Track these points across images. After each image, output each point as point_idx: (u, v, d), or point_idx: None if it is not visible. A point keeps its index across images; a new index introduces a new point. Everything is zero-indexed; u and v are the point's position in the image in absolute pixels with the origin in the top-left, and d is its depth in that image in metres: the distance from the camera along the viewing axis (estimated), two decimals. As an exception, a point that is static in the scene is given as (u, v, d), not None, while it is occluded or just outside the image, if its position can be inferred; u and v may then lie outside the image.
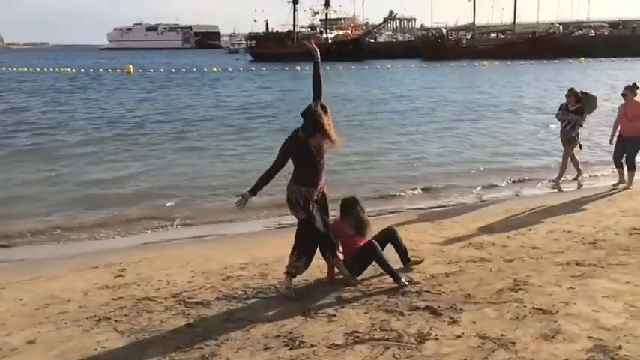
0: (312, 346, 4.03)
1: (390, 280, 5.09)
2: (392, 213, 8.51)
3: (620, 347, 3.79)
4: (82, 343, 4.22)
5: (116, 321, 4.59)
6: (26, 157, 12.52)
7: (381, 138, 15.18)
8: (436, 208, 8.72)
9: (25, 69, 46.31)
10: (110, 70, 45.10)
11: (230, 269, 5.81)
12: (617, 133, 9.10)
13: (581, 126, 9.51)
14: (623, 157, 9.00)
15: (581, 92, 9.50)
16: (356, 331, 4.22)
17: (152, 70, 44.92)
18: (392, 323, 4.31)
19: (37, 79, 35.03)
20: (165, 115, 19.76)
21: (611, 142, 9.25)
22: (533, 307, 4.51)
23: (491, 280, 5.15)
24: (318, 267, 5.73)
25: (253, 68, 49.07)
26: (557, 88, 25.91)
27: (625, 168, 9.05)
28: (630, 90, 8.84)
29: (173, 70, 45.38)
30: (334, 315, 4.54)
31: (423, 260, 5.62)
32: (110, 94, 25.56)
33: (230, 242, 7.06)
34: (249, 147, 14.03)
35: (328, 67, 48.76)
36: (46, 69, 45.62)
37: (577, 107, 9.35)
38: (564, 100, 9.61)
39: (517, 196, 9.55)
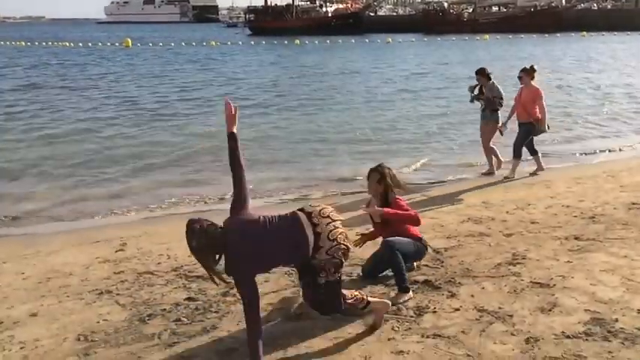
0: (314, 319, 4.07)
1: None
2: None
3: (616, 320, 3.83)
4: (84, 315, 4.26)
5: (118, 294, 4.63)
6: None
7: (389, 111, 15.08)
8: (436, 183, 8.72)
9: (23, 43, 45.88)
10: (109, 44, 44.64)
11: (230, 244, 5.82)
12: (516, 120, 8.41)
13: (497, 109, 8.46)
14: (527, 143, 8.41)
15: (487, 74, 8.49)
16: (353, 305, 4.25)
17: (151, 45, 44.49)
18: (391, 297, 4.35)
19: (35, 54, 34.69)
20: (184, 92, 19.19)
21: (504, 127, 8.45)
22: (530, 281, 4.54)
23: (489, 255, 5.19)
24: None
25: (253, 42, 48.56)
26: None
27: (531, 156, 8.58)
28: (526, 73, 8.21)
29: (172, 44, 44.90)
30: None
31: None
32: (120, 69, 25.10)
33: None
34: (267, 123, 13.82)
35: (328, 41, 48.33)
36: (44, 43, 45.18)
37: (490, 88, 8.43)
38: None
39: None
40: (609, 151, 10.69)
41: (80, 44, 44.55)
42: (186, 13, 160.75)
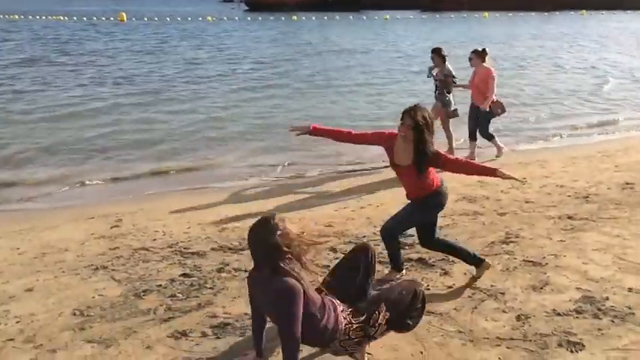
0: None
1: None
2: (387, 166, 8.50)
3: (607, 299, 3.88)
4: (79, 290, 4.29)
5: (113, 270, 4.65)
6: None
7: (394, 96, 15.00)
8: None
9: (17, 17, 45.22)
10: (104, 18, 44.02)
11: (226, 221, 5.86)
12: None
13: (449, 91, 8.23)
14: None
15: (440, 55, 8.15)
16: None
17: (146, 19, 43.90)
18: (385, 274, 4.39)
19: (30, 29, 34.16)
20: (188, 70, 18.86)
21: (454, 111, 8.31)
22: (523, 260, 4.59)
23: (483, 233, 5.22)
24: (312, 219, 5.80)
25: (249, 18, 47.98)
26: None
27: (492, 140, 8.36)
28: (477, 54, 8.01)
29: (168, 19, 44.32)
30: (329, 266, 4.60)
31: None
32: (118, 45, 24.62)
33: (226, 194, 7.09)
34: (270, 101, 13.68)
35: (326, 18, 47.77)
36: (38, 17, 44.49)
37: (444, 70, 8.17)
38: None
39: (513, 150, 9.52)
40: (605, 131, 10.68)
41: (75, 18, 43.90)
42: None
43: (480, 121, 8.14)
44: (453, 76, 8.23)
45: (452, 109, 8.30)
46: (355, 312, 3.10)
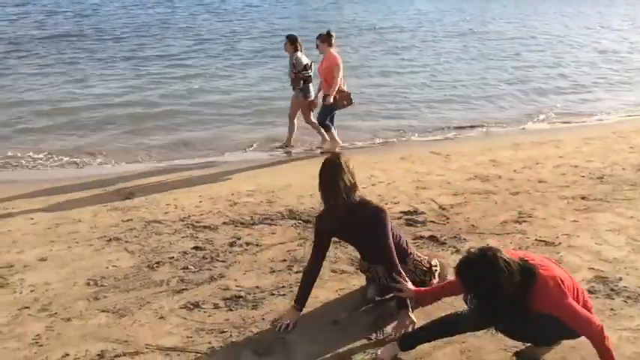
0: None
1: (395, 210, 5.13)
2: (399, 144, 8.50)
3: (620, 279, 3.86)
4: (93, 261, 4.33)
5: (126, 242, 4.68)
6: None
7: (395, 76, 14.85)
8: (443, 139, 8.66)
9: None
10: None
11: (237, 195, 5.87)
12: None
13: (305, 81, 7.60)
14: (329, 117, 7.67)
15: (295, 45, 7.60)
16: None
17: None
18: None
19: None
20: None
21: (316, 99, 7.77)
22: (536, 239, 4.56)
23: (495, 212, 5.20)
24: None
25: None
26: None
27: (332, 129, 7.77)
28: (321, 40, 7.34)
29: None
30: (338, 241, 4.60)
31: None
32: (148, 19, 24.05)
33: (237, 169, 7.09)
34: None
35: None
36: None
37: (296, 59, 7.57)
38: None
39: (524, 129, 9.43)
40: (621, 111, 10.54)
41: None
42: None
43: (321, 108, 7.55)
44: (303, 69, 7.51)
45: (311, 98, 7.73)
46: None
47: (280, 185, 6.15)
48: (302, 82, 7.60)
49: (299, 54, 7.60)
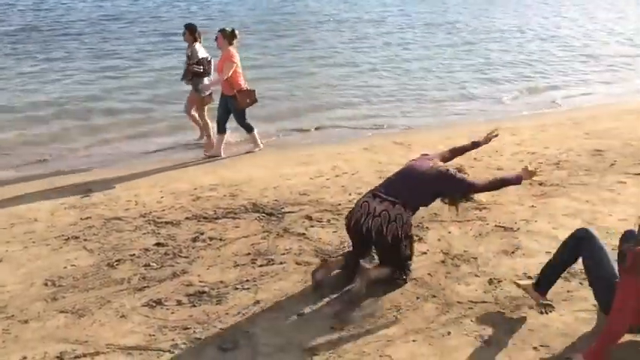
0: (281, 263, 4.12)
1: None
2: (361, 135, 8.54)
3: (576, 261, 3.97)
4: (50, 261, 4.21)
5: (85, 240, 4.58)
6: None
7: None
8: (405, 130, 8.74)
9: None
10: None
11: (200, 190, 5.80)
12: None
13: (199, 74, 7.31)
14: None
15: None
16: (324, 249, 4.31)
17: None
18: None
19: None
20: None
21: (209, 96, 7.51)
22: (495, 225, 4.66)
23: (456, 200, 5.27)
24: (288, 188, 5.78)
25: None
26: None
27: (246, 131, 7.42)
28: (222, 34, 6.97)
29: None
30: (304, 234, 4.62)
31: None
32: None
33: (199, 163, 7.01)
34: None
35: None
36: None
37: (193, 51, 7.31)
38: None
39: (483, 118, 9.56)
40: (576, 97, 10.79)
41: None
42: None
43: (233, 113, 7.16)
44: (198, 62, 7.26)
45: (206, 94, 7.47)
46: None
47: (243, 179, 6.11)
48: (192, 75, 7.29)
49: (197, 45, 7.34)
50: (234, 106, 7.04)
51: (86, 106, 9.60)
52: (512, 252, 4.18)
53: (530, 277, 3.79)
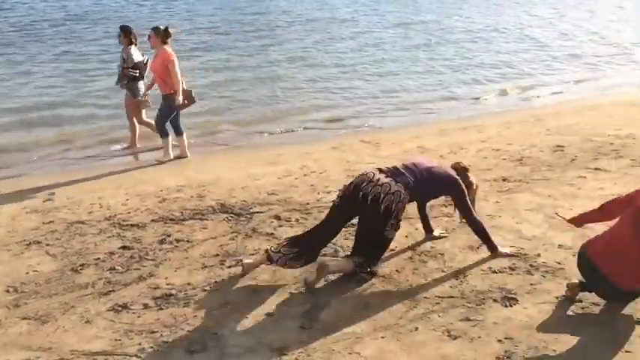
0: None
1: (327, 199, 5.18)
2: (330, 134, 8.58)
3: (539, 255, 4.07)
4: (12, 267, 4.11)
5: (48, 245, 4.48)
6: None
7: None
8: (373, 128, 8.80)
9: None
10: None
11: (166, 191, 5.73)
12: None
13: (135, 77, 7.19)
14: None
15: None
16: (293, 248, 4.31)
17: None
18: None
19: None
20: None
21: (146, 100, 7.37)
22: (461, 221, 4.72)
23: (423, 197, 5.33)
24: (256, 188, 5.76)
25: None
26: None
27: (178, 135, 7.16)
28: (155, 33, 6.70)
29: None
30: (272, 234, 4.61)
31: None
32: None
33: (163, 165, 6.92)
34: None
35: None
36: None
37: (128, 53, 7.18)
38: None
39: (451, 115, 9.69)
40: (547, 96, 10.96)
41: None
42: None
43: (159, 111, 6.94)
44: (134, 67, 7.13)
45: (139, 97, 7.26)
46: None
47: (210, 179, 6.06)
48: (128, 79, 7.16)
49: (132, 48, 7.18)
50: (167, 104, 6.80)
51: (49, 110, 9.37)
52: (478, 247, 4.25)
53: (494, 272, 3.87)
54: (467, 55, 14.59)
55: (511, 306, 3.49)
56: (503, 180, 5.72)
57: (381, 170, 3.90)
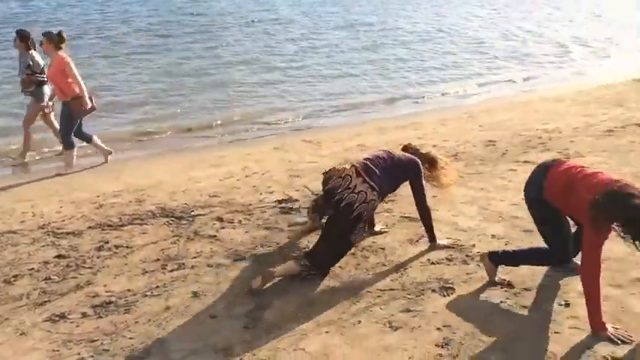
0: (193, 267, 4.07)
1: (270, 200, 5.19)
2: (272, 135, 8.59)
3: (473, 246, 4.25)
4: (-63, 282, 3.90)
5: (-24, 257, 4.27)
6: None
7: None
8: (314, 128, 8.88)
9: None
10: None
11: (103, 197, 5.58)
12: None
13: (41, 82, 7.00)
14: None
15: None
16: (237, 250, 4.31)
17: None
18: (273, 239, 4.46)
19: None
20: None
21: (48, 106, 7.19)
22: (401, 216, 4.86)
23: (364, 194, 5.43)
24: (198, 191, 5.70)
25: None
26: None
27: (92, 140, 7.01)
28: (47, 39, 6.45)
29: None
30: (215, 236, 4.58)
31: None
32: None
33: (99, 170, 6.73)
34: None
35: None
36: None
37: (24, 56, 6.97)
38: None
39: (390, 114, 9.91)
40: (477, 95, 11.39)
41: None
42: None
43: (61, 120, 6.69)
44: (39, 71, 6.96)
45: (44, 103, 7.09)
46: None
47: (150, 183, 5.95)
48: (35, 85, 6.94)
49: (34, 53, 6.98)
50: (67, 112, 6.55)
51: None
52: (417, 240, 4.38)
53: (433, 263, 4.01)
54: (410, 56, 14.91)
55: (448, 295, 3.62)
56: (440, 175, 5.89)
57: (357, 173, 3.91)
